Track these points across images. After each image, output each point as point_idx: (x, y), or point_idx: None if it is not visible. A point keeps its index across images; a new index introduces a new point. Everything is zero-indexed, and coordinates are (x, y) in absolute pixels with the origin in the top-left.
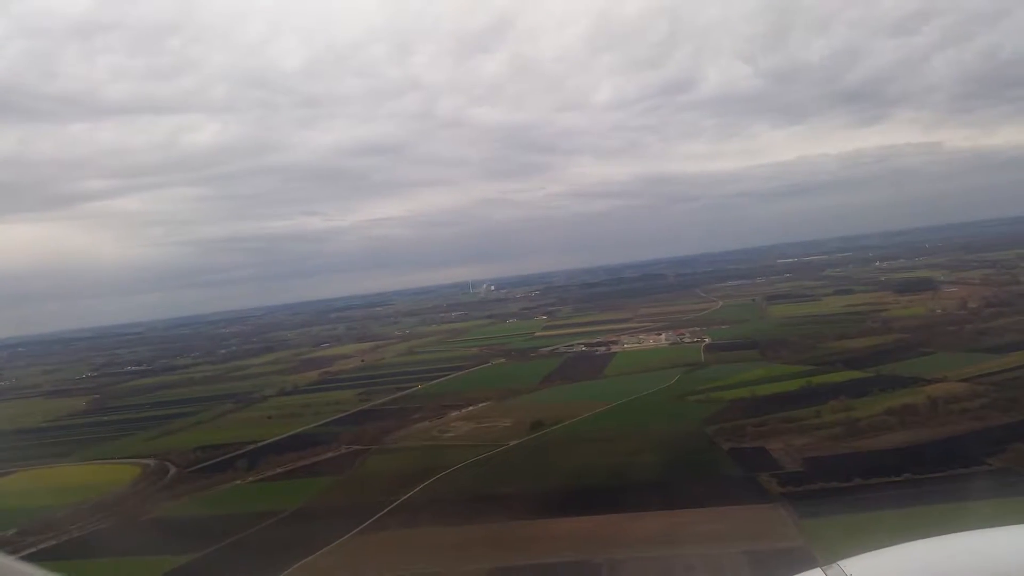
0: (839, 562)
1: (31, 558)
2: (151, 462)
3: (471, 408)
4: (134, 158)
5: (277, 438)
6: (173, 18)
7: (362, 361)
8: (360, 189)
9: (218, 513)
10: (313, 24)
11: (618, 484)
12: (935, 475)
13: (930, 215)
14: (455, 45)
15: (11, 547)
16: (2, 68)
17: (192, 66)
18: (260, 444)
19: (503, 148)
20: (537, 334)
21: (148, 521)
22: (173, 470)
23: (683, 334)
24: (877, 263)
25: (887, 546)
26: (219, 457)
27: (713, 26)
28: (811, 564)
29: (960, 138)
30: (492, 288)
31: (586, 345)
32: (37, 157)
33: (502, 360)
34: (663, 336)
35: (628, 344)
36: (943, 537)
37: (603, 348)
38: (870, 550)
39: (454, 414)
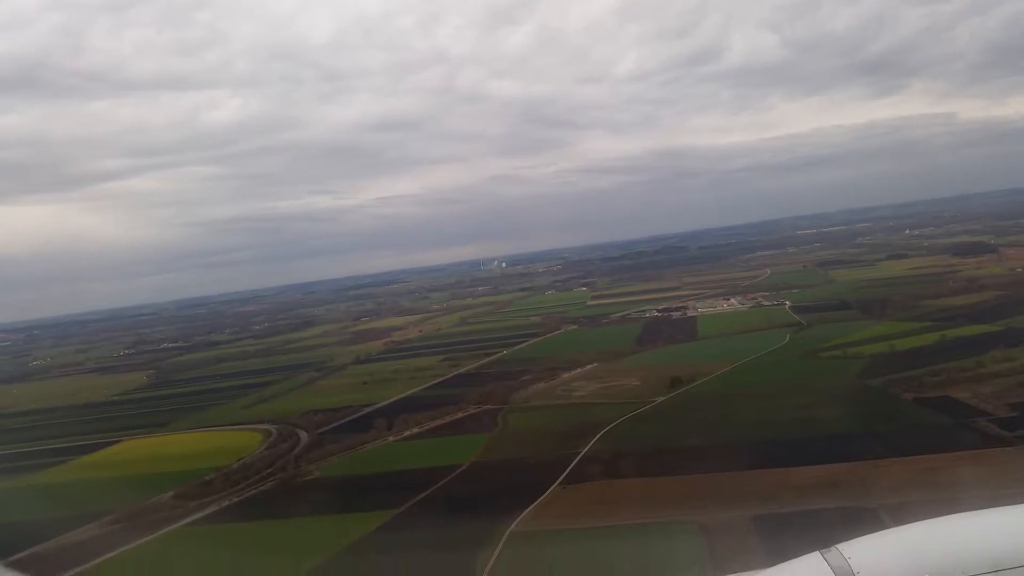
0: (837, 545)
1: (211, 518)
2: (270, 427)
3: (580, 370)
4: (152, 136)
5: (390, 400)
6: None
7: (420, 331)
8: (373, 167)
9: (389, 469)
10: None
11: (819, 434)
12: None
13: (939, 186)
14: (484, 16)
15: (181, 509)
16: (33, 43)
17: (220, 40)
18: (377, 406)
19: (519, 123)
20: (589, 303)
21: (316, 480)
22: (303, 433)
23: (754, 299)
24: (907, 231)
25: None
26: (343, 419)
27: None
28: None
29: (975, 108)
30: (504, 265)
31: (657, 311)
32: (57, 136)
33: (574, 327)
34: (732, 301)
35: (702, 309)
36: (941, 519)
37: (678, 313)
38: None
39: (565, 375)
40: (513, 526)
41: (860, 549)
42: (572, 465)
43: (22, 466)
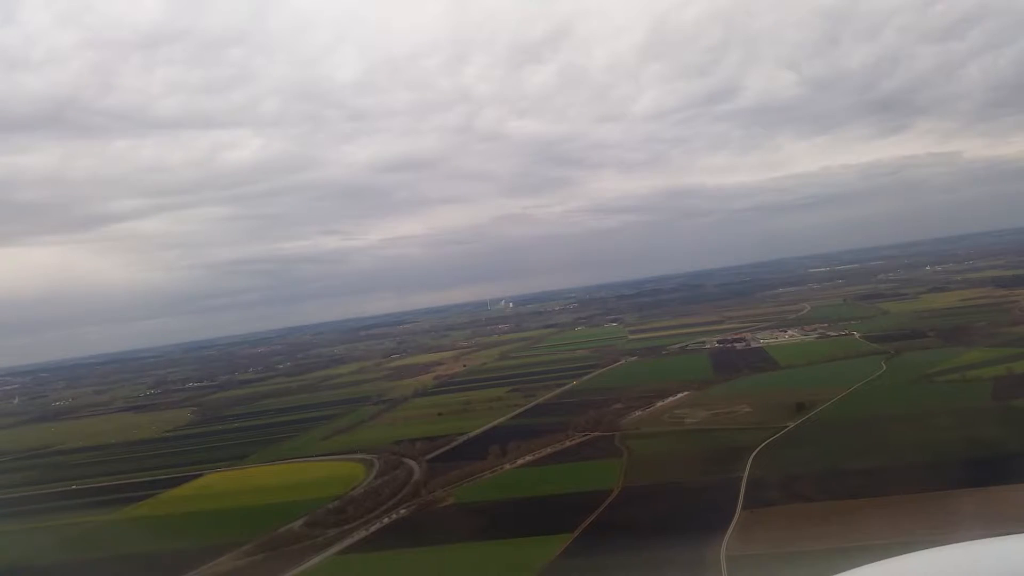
0: (840, 575)
1: (365, 545)
2: (366, 457)
3: (672, 398)
4: (169, 176)
5: (482, 430)
6: (241, 27)
7: (463, 366)
8: (382, 207)
9: (531, 495)
10: (374, 34)
11: (1003, 454)
12: None
13: (942, 226)
14: (511, 54)
15: (321, 538)
16: (64, 82)
17: (249, 78)
18: (471, 435)
19: (532, 163)
20: (631, 337)
21: (456, 506)
22: (410, 462)
23: (815, 330)
24: (928, 267)
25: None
26: (444, 447)
27: (765, 32)
28: None
29: (980, 147)
30: (510, 305)
31: (717, 342)
32: (76, 176)
33: (633, 358)
34: (791, 332)
35: (765, 340)
36: (943, 548)
37: (741, 344)
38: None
39: (660, 403)
40: (724, 550)
41: None
42: (743, 489)
43: (111, 500)
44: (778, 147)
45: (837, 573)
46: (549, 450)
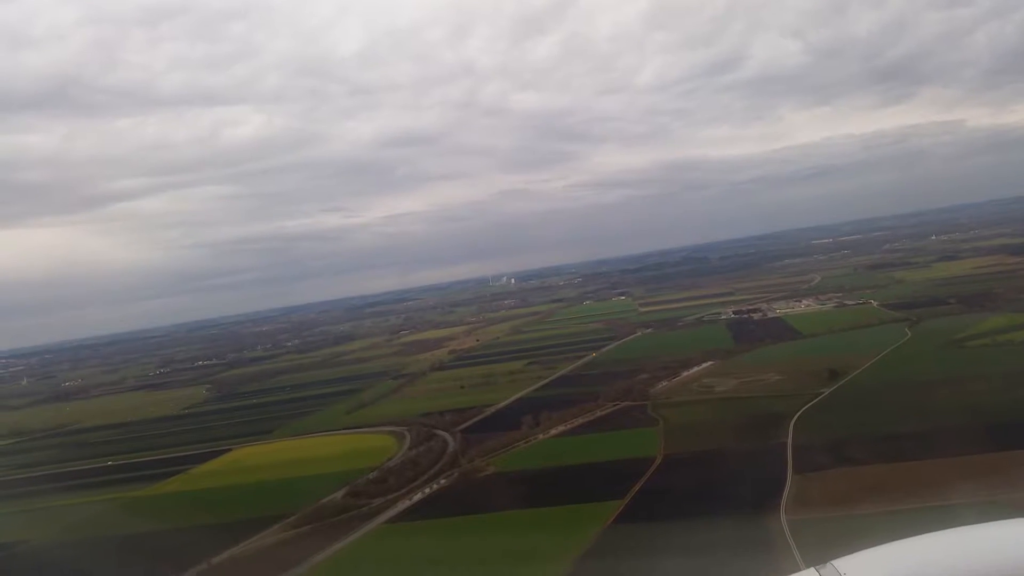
0: (832, 561)
1: (413, 514)
2: (396, 429)
3: (697, 368)
4: (171, 154)
5: (509, 401)
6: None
7: (476, 340)
8: (383, 184)
9: (573, 463)
10: (377, 6)
11: None
12: None
13: (943, 196)
14: (514, 25)
15: (366, 508)
16: (66, 59)
17: (251, 53)
18: (499, 407)
19: (534, 137)
20: (642, 310)
21: (498, 475)
22: (442, 433)
23: (830, 299)
24: (933, 236)
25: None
26: (474, 419)
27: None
28: None
29: (982, 116)
30: (512, 281)
31: (733, 313)
32: (78, 155)
33: (648, 330)
34: (807, 302)
35: (781, 310)
36: (936, 533)
37: (758, 314)
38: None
39: (685, 373)
40: (784, 515)
41: (855, 565)
42: (790, 454)
43: (141, 476)
44: (780, 118)
45: (838, 558)
46: (581, 420)
